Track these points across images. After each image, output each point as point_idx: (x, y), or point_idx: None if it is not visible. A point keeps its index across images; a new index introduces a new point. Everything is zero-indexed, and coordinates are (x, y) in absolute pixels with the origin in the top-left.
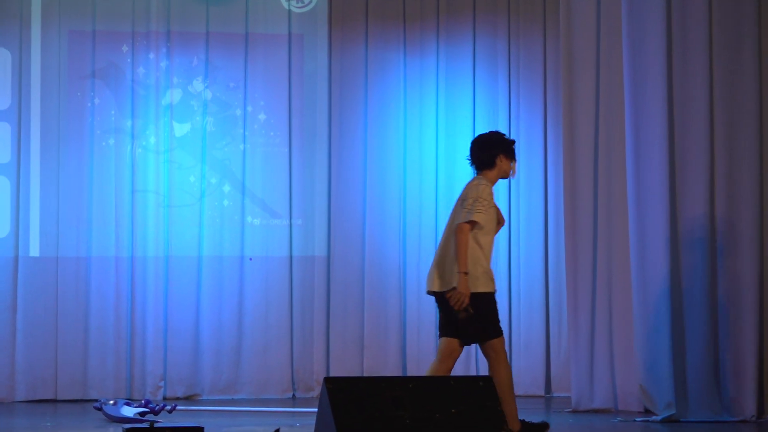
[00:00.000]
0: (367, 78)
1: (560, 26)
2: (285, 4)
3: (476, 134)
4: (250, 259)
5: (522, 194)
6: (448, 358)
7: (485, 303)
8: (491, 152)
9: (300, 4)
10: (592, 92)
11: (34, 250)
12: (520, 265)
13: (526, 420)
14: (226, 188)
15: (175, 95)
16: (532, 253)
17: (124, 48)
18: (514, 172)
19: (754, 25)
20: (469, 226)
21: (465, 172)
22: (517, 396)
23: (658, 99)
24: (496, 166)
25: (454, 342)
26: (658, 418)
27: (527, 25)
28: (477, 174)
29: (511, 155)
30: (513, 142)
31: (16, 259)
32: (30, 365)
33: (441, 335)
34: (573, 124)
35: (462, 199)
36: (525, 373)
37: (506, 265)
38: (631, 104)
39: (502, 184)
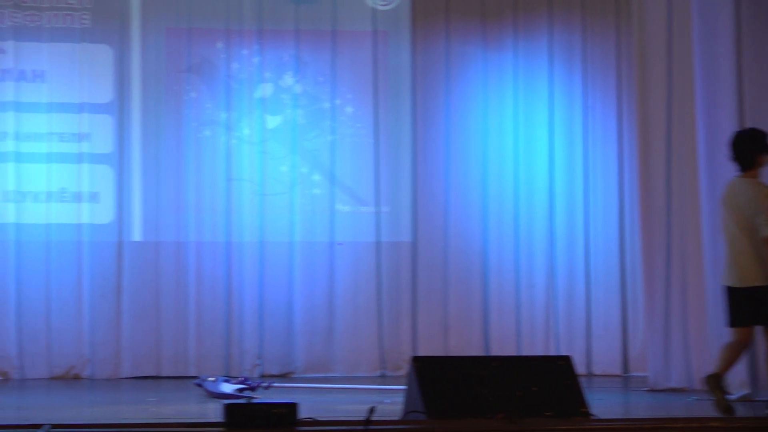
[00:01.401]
0: (449, 72)
1: (633, 22)
2: (369, 2)
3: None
4: (340, 244)
5: (599, 183)
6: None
7: None
8: (751, 152)
9: (384, 2)
10: (664, 85)
11: (137, 235)
12: (597, 251)
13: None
14: (316, 177)
15: (266, 89)
16: (609, 239)
17: (219, 45)
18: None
19: None
20: None
21: (542, 162)
22: (594, 375)
23: (728, 89)
24: (755, 165)
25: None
26: (734, 397)
27: (601, 21)
28: (743, 172)
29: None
30: (765, 135)
31: (120, 243)
32: (134, 344)
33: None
34: (646, 115)
35: (748, 205)
36: (603, 354)
37: (584, 251)
38: (702, 96)
39: (577, 176)
